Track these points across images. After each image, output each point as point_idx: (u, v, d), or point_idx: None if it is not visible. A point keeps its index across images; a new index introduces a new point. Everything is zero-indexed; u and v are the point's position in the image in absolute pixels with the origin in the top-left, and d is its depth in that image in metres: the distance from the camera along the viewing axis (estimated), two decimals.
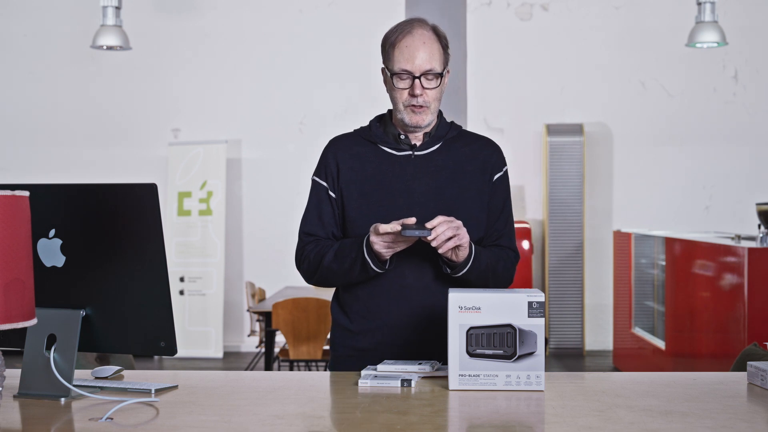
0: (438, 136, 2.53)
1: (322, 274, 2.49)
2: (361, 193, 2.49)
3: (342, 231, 2.53)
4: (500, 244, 2.54)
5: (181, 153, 8.88)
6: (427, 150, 2.52)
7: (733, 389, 2.13)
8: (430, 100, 2.45)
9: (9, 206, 1.74)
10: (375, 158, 2.52)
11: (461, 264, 2.38)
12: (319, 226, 2.53)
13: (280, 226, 9.00)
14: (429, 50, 2.43)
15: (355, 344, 2.51)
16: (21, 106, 9.16)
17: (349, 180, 2.51)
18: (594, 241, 8.87)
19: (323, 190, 2.54)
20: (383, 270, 2.41)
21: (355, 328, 2.51)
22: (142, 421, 1.84)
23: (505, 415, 1.93)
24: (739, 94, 8.88)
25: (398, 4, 7.63)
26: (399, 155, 2.51)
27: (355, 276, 2.44)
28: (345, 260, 2.42)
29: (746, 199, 8.50)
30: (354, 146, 2.55)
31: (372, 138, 2.54)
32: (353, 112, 8.93)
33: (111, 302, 2.07)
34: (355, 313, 2.51)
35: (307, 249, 2.52)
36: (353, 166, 2.52)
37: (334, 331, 2.58)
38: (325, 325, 5.93)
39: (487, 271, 2.44)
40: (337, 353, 2.56)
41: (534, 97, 8.95)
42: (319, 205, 2.54)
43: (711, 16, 6.70)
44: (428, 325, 2.43)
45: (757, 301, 5.13)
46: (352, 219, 2.49)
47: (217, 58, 9.09)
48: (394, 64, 2.45)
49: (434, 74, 2.44)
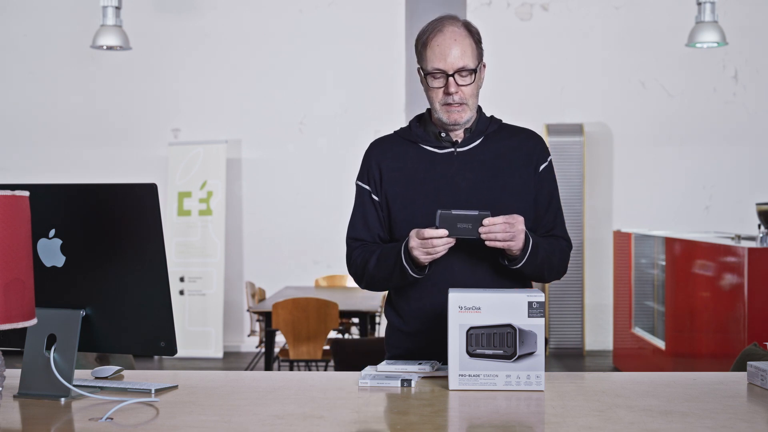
0: (479, 131, 2.51)
1: (369, 280, 2.49)
2: (405, 194, 2.48)
3: (389, 233, 2.52)
4: (554, 234, 2.52)
5: (181, 153, 8.88)
6: (469, 146, 2.50)
7: (733, 389, 2.13)
8: (466, 97, 2.43)
9: (9, 206, 1.74)
10: (417, 158, 2.50)
11: (519, 255, 2.36)
12: (365, 230, 2.52)
13: (280, 226, 9.00)
14: (461, 47, 2.41)
15: (410, 345, 2.50)
16: (21, 106, 9.16)
17: (392, 182, 2.49)
18: (594, 241, 8.87)
19: (367, 194, 2.53)
20: (422, 275, 2.39)
21: (409, 329, 2.51)
22: (142, 421, 1.84)
23: (505, 415, 1.93)
24: (739, 94, 8.87)
25: (398, 4, 7.63)
26: (441, 153, 2.50)
27: (397, 281, 2.43)
28: (386, 266, 2.42)
29: (746, 199, 8.50)
30: (395, 147, 2.53)
31: (413, 138, 2.53)
32: (353, 112, 8.93)
33: (111, 302, 2.07)
34: (408, 314, 2.50)
35: (354, 255, 2.52)
36: (395, 167, 2.50)
37: (389, 332, 2.57)
38: (325, 325, 5.93)
39: (543, 263, 2.42)
40: (392, 354, 2.54)
41: (534, 97, 8.95)
42: (363, 209, 2.53)
43: (711, 16, 6.69)
44: None
45: (757, 301, 5.13)
46: (397, 220, 2.48)
47: (217, 58, 9.09)
48: (427, 63, 2.43)
49: (468, 71, 2.42)
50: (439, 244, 2.29)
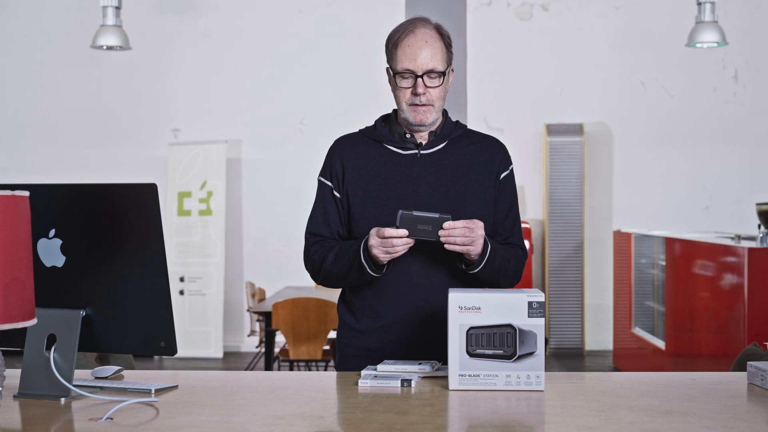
0: (443, 134, 2.52)
1: (325, 276, 2.49)
2: (367, 193, 2.48)
3: (348, 231, 2.53)
4: (510, 242, 2.54)
5: (181, 153, 8.88)
6: (433, 149, 2.51)
7: (733, 389, 2.13)
8: (433, 99, 2.45)
9: (9, 206, 1.74)
10: (380, 157, 2.51)
11: (477, 260, 2.38)
12: (325, 226, 2.53)
13: (280, 226, 9.00)
14: (431, 49, 2.43)
15: (361, 344, 2.50)
16: (21, 106, 9.16)
17: (355, 180, 2.50)
18: (594, 241, 8.87)
19: (328, 190, 2.53)
20: (380, 274, 2.40)
21: (362, 328, 2.51)
22: (142, 421, 1.84)
23: (505, 415, 1.93)
24: (739, 94, 8.88)
25: (398, 4, 7.63)
26: (405, 154, 2.51)
27: (354, 279, 2.44)
28: (344, 263, 2.42)
29: (746, 199, 8.50)
30: (359, 146, 2.54)
31: (377, 137, 2.54)
32: (353, 111, 8.93)
33: (111, 302, 2.07)
34: (361, 312, 2.51)
35: (312, 250, 2.52)
36: (358, 165, 2.51)
37: (340, 331, 2.57)
38: (325, 325, 5.93)
39: (499, 270, 2.43)
40: (343, 352, 2.55)
41: (534, 97, 8.95)
42: (324, 205, 2.54)
43: (711, 16, 6.69)
44: (435, 325, 2.42)
45: (757, 301, 5.13)
46: (357, 219, 2.49)
47: (217, 58, 9.09)
48: (396, 63, 2.46)
49: (437, 73, 2.43)
50: (398, 244, 2.30)
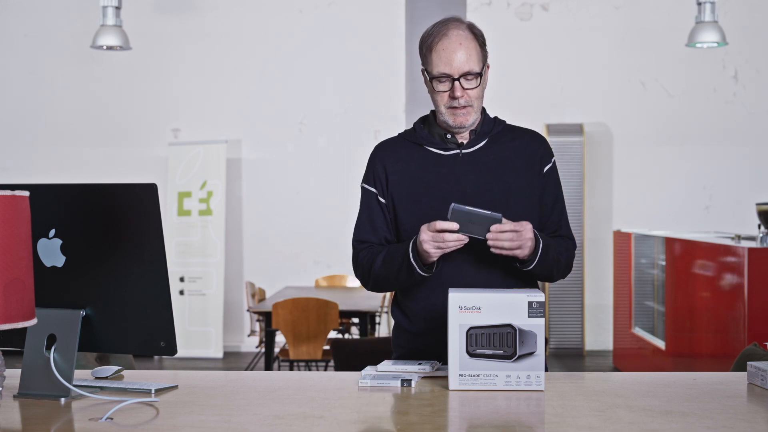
0: (484, 132, 2.51)
1: (375, 279, 2.48)
2: (411, 196, 2.47)
3: (395, 236, 2.52)
4: (560, 234, 2.53)
5: (181, 153, 8.88)
6: (474, 147, 2.50)
7: (733, 389, 2.13)
8: (471, 100, 2.43)
9: (9, 206, 1.74)
10: (422, 160, 2.50)
11: (530, 258, 2.36)
12: (372, 232, 2.52)
13: (279, 226, 9.00)
14: (466, 51, 2.40)
15: (417, 345, 2.49)
16: (21, 106, 9.16)
17: (398, 183, 2.49)
18: (594, 241, 8.87)
19: (373, 196, 2.52)
20: (429, 273, 2.38)
21: (415, 330, 2.50)
22: (142, 421, 1.84)
23: (505, 415, 1.93)
24: (739, 94, 8.87)
25: (398, 4, 7.63)
26: (446, 155, 2.49)
27: (403, 280, 2.42)
28: (393, 265, 2.41)
29: (746, 199, 8.49)
30: (400, 149, 2.53)
31: (418, 140, 2.52)
32: (353, 112, 8.93)
33: (111, 302, 2.07)
34: (415, 314, 2.50)
35: (360, 256, 2.51)
36: (401, 169, 2.50)
37: (395, 333, 2.57)
38: (325, 325, 5.93)
39: (553, 264, 2.43)
40: (399, 355, 2.53)
41: (534, 96, 8.95)
42: (369, 212, 2.52)
43: (711, 16, 6.69)
44: None
45: (757, 301, 5.13)
46: (403, 222, 2.48)
47: (217, 58, 9.09)
48: (432, 67, 2.42)
49: (473, 74, 2.41)
50: (450, 239, 2.27)
